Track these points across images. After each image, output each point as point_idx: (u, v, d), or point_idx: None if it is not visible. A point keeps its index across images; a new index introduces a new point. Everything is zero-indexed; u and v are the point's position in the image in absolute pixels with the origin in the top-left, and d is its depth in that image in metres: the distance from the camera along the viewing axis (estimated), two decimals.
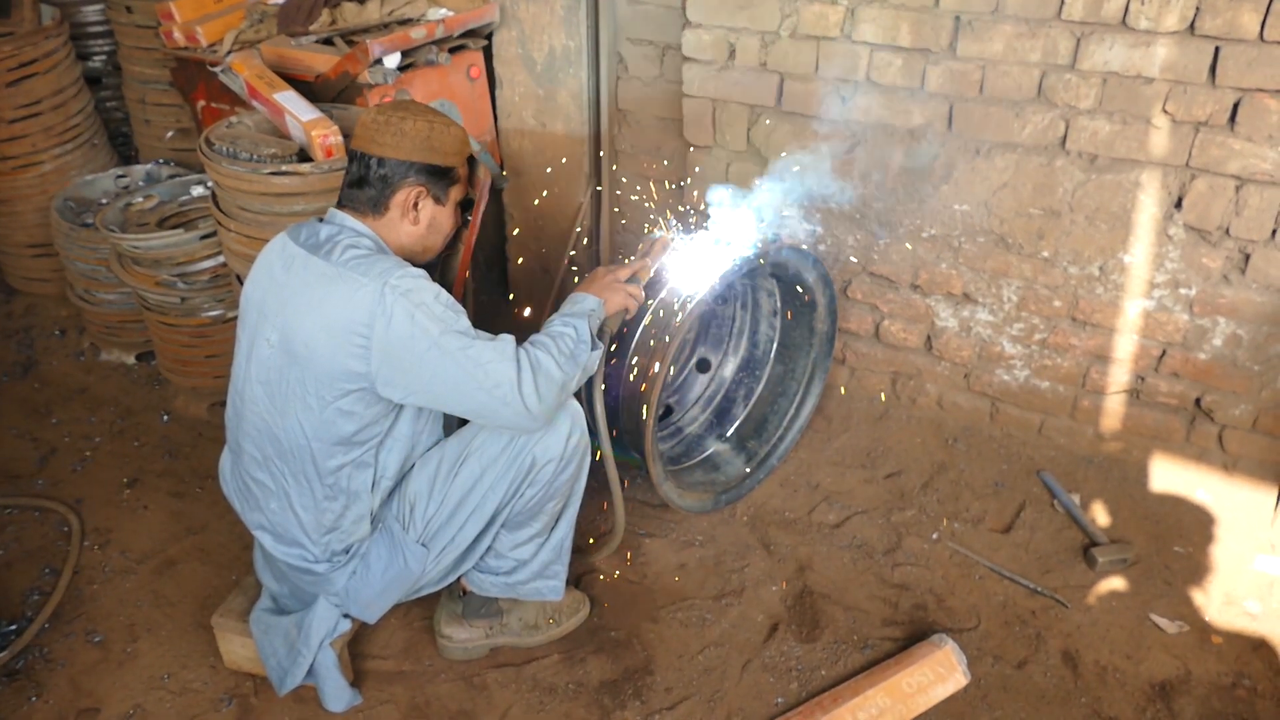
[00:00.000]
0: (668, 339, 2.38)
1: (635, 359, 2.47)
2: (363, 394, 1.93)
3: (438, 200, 2.04)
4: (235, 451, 2.14)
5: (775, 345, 2.97)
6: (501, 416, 1.94)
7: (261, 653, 2.18)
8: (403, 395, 1.93)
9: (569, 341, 2.02)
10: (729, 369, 3.04)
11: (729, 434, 2.95)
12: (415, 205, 2.00)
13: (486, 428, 2.07)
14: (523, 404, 1.90)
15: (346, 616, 2.16)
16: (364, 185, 1.98)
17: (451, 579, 2.22)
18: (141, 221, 3.09)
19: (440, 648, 2.32)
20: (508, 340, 1.94)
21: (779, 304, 2.92)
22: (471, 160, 2.13)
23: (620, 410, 2.52)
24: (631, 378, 2.47)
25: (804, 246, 2.73)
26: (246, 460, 2.09)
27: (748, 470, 2.82)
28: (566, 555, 2.30)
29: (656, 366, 2.38)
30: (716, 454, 2.92)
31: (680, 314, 2.39)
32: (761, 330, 2.99)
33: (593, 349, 2.07)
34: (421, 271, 1.92)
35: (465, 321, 1.92)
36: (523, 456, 2.06)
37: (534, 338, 2.02)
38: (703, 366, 3.06)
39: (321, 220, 2.03)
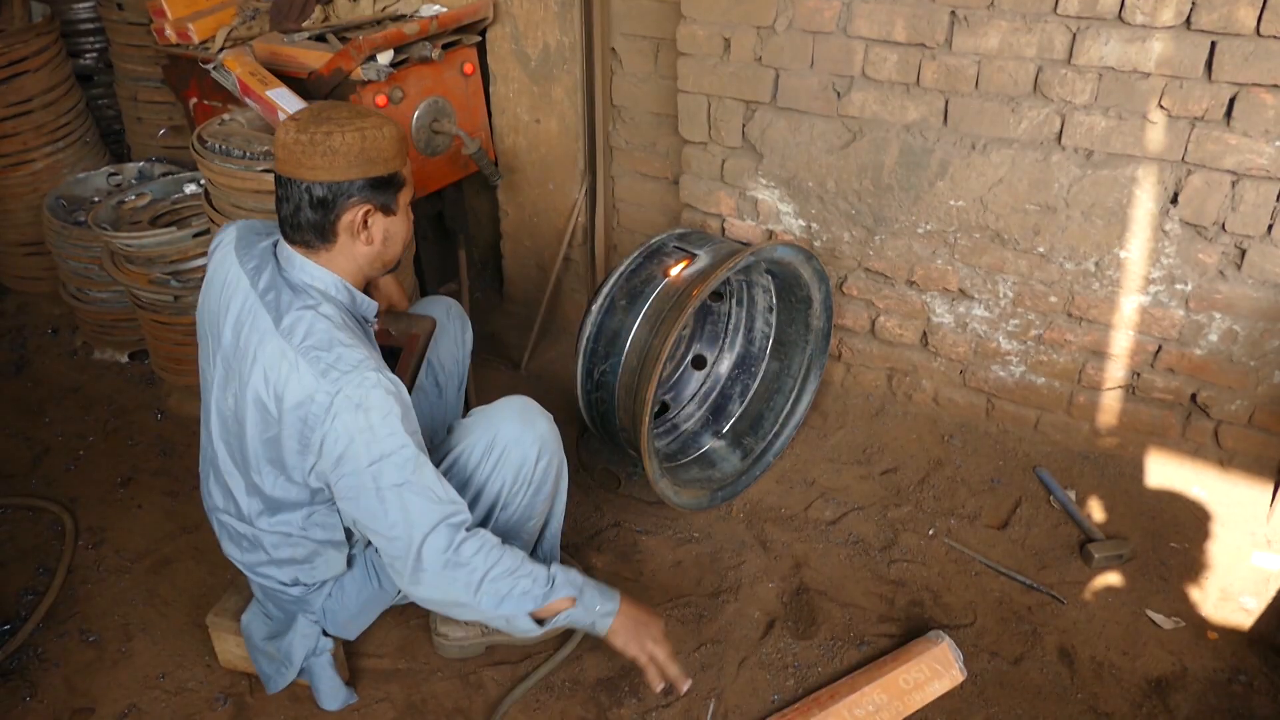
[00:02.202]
0: (664, 336, 2.38)
1: (631, 357, 2.47)
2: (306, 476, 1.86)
3: (387, 211, 1.84)
4: (205, 490, 2.08)
5: (771, 341, 2.97)
6: (383, 556, 1.82)
7: (251, 654, 2.18)
8: (323, 487, 1.86)
9: (521, 584, 1.79)
10: (724, 365, 3.04)
11: (725, 430, 2.95)
12: (365, 224, 1.82)
13: (456, 451, 1.99)
14: (408, 567, 1.76)
15: (327, 634, 2.14)
16: (301, 214, 1.78)
17: None
18: (134, 219, 3.08)
19: (436, 645, 2.31)
20: (452, 506, 1.77)
21: (774, 300, 2.92)
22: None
23: (616, 407, 2.51)
24: (628, 375, 2.47)
25: (799, 242, 2.73)
26: (221, 513, 2.05)
27: (743, 466, 2.82)
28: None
29: (652, 364, 2.38)
30: (712, 450, 2.91)
31: (675, 310, 2.39)
32: (757, 326, 2.99)
33: (525, 618, 1.82)
34: (392, 381, 1.74)
35: (413, 452, 1.74)
36: (491, 485, 1.98)
37: (504, 555, 1.79)
38: (698, 363, 3.05)
39: (276, 260, 1.86)
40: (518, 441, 1.96)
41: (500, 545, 1.81)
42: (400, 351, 2.27)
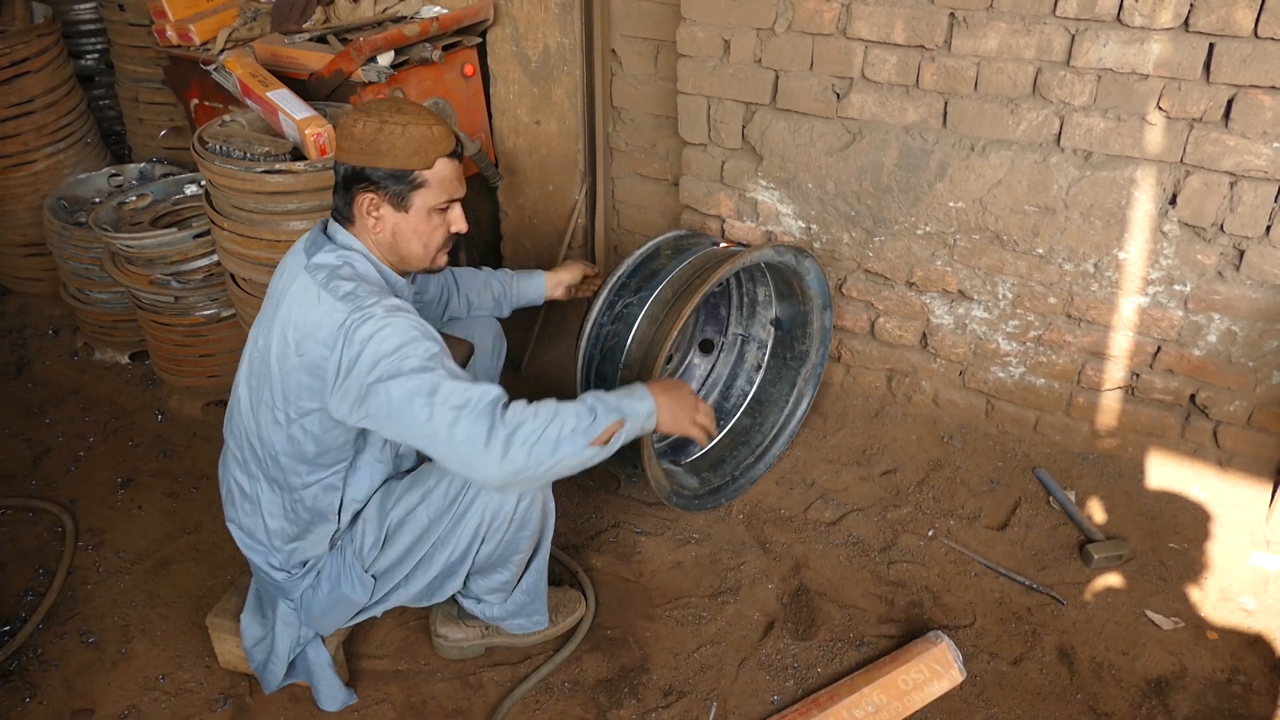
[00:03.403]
0: (672, 320, 2.37)
1: (634, 349, 2.47)
2: (322, 415, 1.88)
3: (397, 206, 1.89)
4: (225, 446, 2.14)
5: (749, 400, 2.97)
6: (440, 460, 1.80)
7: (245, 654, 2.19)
8: (357, 421, 1.83)
9: (567, 423, 1.75)
10: None
11: (683, 462, 2.90)
12: (372, 210, 1.89)
13: (435, 483, 1.99)
14: (454, 454, 1.74)
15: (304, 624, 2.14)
16: (335, 191, 1.94)
17: (425, 604, 2.18)
18: (135, 220, 3.09)
19: (436, 647, 2.32)
20: (483, 393, 1.74)
21: (766, 357, 2.94)
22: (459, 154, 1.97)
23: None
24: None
25: (824, 276, 2.73)
26: (229, 458, 2.09)
27: (701, 491, 2.75)
28: (542, 595, 2.26)
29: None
30: (670, 469, 2.85)
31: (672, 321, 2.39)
32: (737, 385, 3.00)
33: (588, 449, 1.78)
34: (404, 305, 1.81)
35: (426, 351, 1.76)
36: (469, 516, 1.98)
37: (530, 403, 1.79)
38: None
39: (325, 230, 1.97)
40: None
41: (534, 408, 1.76)
42: None
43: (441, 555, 2.04)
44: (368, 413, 1.79)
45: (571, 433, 1.76)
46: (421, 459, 2.14)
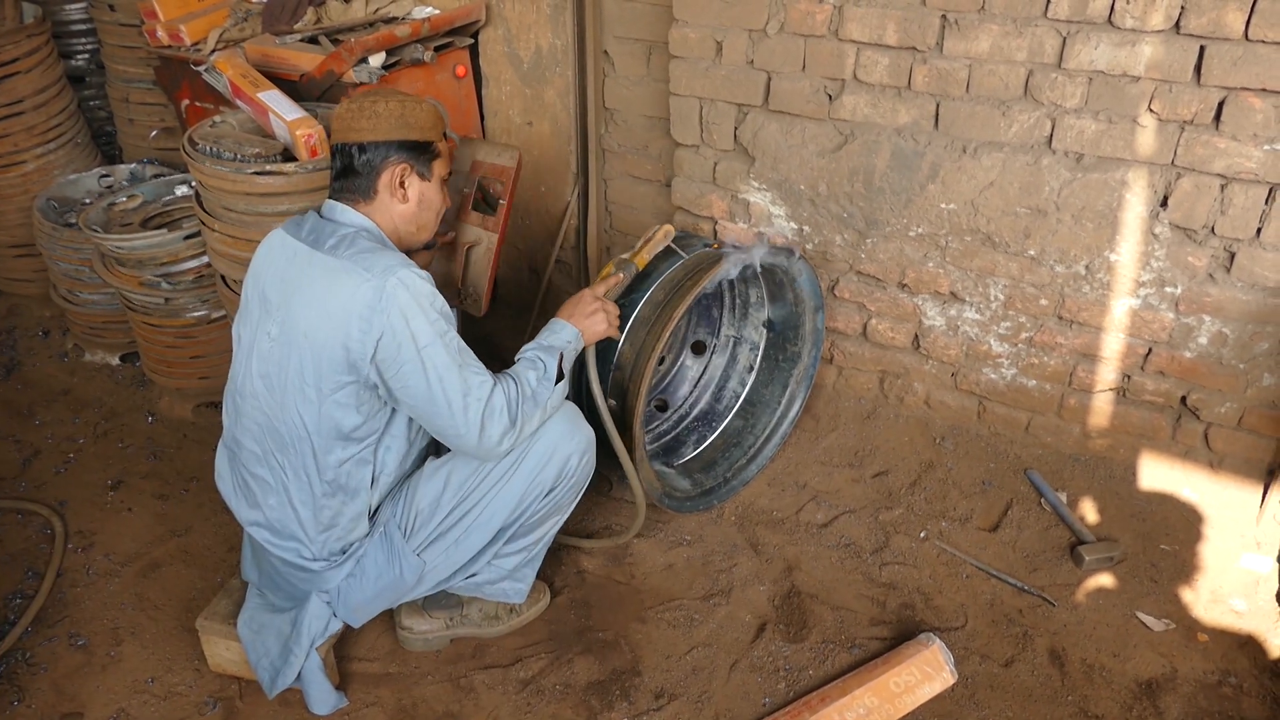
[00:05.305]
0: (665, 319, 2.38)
1: (627, 350, 2.47)
2: (356, 388, 1.95)
3: (423, 176, 2.07)
4: (233, 448, 2.14)
5: (741, 401, 2.97)
6: (453, 444, 2.02)
7: (252, 654, 2.17)
8: (385, 393, 1.96)
9: (532, 381, 2.06)
10: (684, 416, 3.02)
11: (675, 465, 2.90)
12: (402, 184, 2.04)
13: (522, 446, 2.12)
14: (478, 443, 1.98)
15: (337, 616, 2.16)
16: (349, 174, 2.02)
17: (445, 586, 2.22)
18: (125, 221, 3.07)
19: (400, 639, 2.32)
20: (484, 379, 1.98)
21: (758, 359, 2.94)
22: (452, 139, 2.21)
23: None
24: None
25: (816, 278, 2.74)
26: (246, 456, 2.09)
27: (693, 492, 2.74)
28: (539, 561, 2.31)
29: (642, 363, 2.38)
30: (663, 472, 2.85)
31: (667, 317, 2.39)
32: (729, 386, 3.00)
33: (557, 382, 2.10)
34: (426, 274, 1.94)
35: (454, 335, 1.96)
36: (541, 478, 2.11)
37: (503, 375, 2.05)
38: (661, 407, 3.04)
39: (320, 214, 2.04)
40: (568, 439, 2.14)
41: (508, 378, 2.04)
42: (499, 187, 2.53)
43: (498, 519, 2.13)
44: (389, 386, 1.94)
45: (538, 385, 2.06)
46: None
